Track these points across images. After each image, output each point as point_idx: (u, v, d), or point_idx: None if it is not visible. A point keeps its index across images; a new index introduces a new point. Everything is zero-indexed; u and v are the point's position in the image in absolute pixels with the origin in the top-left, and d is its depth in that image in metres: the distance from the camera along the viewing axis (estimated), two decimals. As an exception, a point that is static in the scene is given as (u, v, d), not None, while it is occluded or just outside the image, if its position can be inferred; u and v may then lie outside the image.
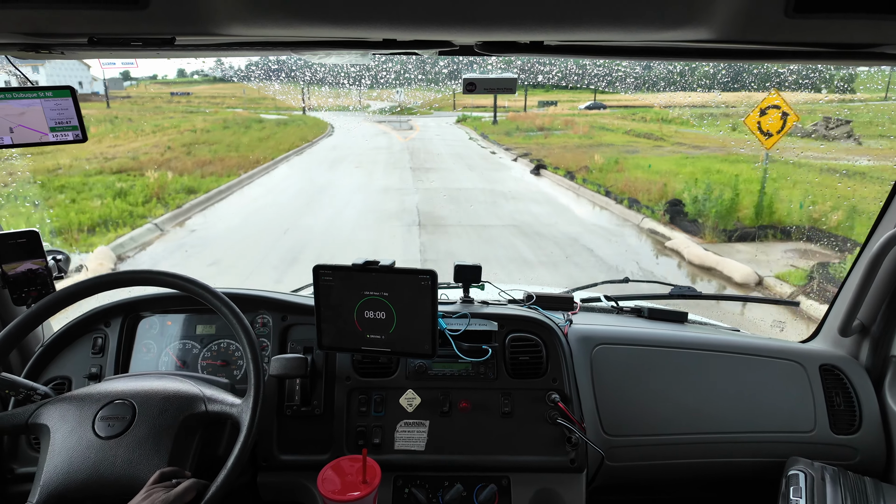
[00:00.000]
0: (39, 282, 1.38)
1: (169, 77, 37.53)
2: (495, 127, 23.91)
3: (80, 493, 1.02)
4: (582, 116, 25.07)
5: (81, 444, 1.04)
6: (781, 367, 1.55)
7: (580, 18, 0.78)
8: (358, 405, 1.39)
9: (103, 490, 1.03)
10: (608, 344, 1.51)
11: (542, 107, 31.55)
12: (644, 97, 22.87)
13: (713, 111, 18.72)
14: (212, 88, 36.66)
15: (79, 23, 0.83)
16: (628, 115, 24.36)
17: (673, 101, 19.98)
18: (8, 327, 1.14)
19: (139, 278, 1.24)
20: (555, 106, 30.93)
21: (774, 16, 0.73)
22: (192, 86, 37.32)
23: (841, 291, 1.65)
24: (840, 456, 1.48)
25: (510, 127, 23.29)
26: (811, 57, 0.99)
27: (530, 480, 1.36)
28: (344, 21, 0.79)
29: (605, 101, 29.23)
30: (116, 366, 1.43)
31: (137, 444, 1.05)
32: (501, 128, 23.38)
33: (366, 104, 28.41)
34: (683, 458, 1.47)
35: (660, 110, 22.33)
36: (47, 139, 1.20)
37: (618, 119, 23.75)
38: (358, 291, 1.26)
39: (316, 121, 25.88)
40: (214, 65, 32.31)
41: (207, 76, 38.37)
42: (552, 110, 29.42)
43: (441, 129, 24.97)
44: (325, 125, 24.33)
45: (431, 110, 33.82)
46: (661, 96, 20.75)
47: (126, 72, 26.94)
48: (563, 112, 28.37)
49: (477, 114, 29.90)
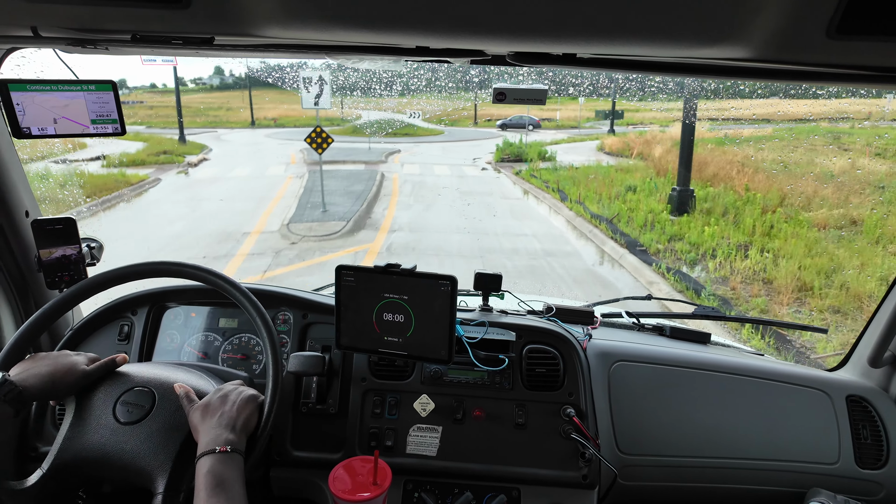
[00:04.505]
0: (73, 268, 1.43)
1: (169, 86, 36.03)
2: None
3: (87, 470, 1.04)
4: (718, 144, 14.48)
5: (99, 425, 1.07)
6: (806, 395, 1.50)
7: (615, 32, 0.77)
8: (372, 406, 1.40)
9: (109, 472, 1.05)
10: (628, 361, 1.49)
11: (601, 119, 24.37)
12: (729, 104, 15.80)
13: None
14: (186, 98, 33.88)
15: (123, 20, 0.86)
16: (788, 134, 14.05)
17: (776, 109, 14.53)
18: (41, 310, 1.18)
19: (167, 270, 1.27)
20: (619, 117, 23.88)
21: (815, 36, 0.72)
22: (185, 94, 35.39)
23: (873, 321, 1.59)
24: (864, 491, 1.43)
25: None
26: (852, 80, 0.97)
27: (541, 494, 1.34)
28: (378, 26, 0.80)
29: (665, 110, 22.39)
30: (141, 353, 1.46)
31: (149, 437, 1.07)
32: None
33: (356, 114, 22.85)
34: (699, 482, 1.43)
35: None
36: (88, 131, 1.24)
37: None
38: (378, 293, 1.27)
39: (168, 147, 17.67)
40: (213, 72, 31.97)
41: (205, 84, 37.45)
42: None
43: (452, 179, 14.43)
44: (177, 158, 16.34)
45: (443, 124, 25.06)
46: (752, 102, 15.27)
47: (122, 79, 25.63)
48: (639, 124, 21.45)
49: (511, 132, 21.96)
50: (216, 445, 0.99)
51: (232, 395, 1.11)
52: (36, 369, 1.04)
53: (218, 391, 1.12)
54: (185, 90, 35.50)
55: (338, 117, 24.48)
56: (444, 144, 21.68)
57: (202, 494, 0.94)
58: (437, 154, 19.24)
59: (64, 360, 1.08)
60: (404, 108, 19.78)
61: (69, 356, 1.10)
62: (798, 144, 13.04)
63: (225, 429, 1.03)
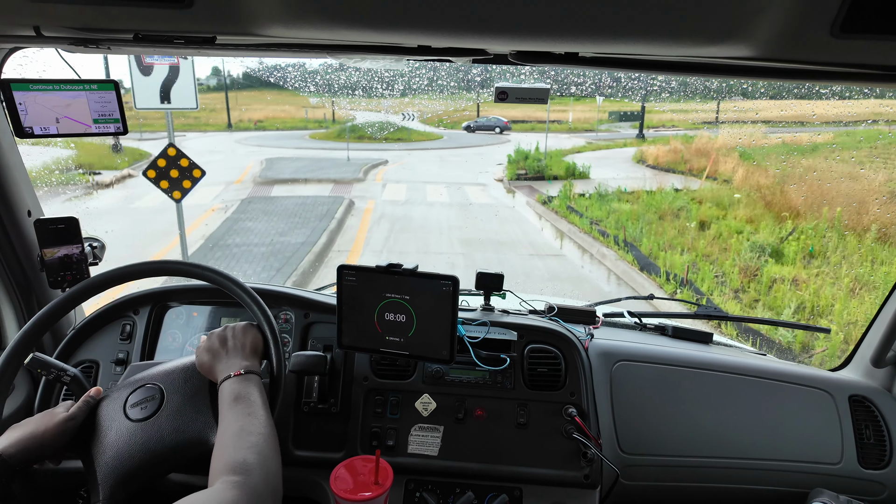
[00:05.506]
0: (75, 267, 1.43)
1: None
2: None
3: (141, 476, 1.03)
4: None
5: (122, 434, 1.06)
6: (809, 395, 1.50)
7: (618, 31, 0.77)
8: (374, 406, 1.39)
9: (161, 466, 1.05)
10: (629, 360, 1.49)
11: (617, 121, 20.30)
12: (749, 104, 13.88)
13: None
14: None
15: (126, 19, 0.86)
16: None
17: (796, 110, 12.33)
18: (43, 310, 1.19)
19: (170, 269, 1.27)
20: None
21: (819, 35, 0.71)
22: None
23: (876, 321, 1.59)
24: (867, 491, 1.43)
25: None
26: (856, 78, 0.96)
27: (542, 493, 1.34)
28: (380, 26, 0.80)
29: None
30: (143, 353, 1.47)
31: (177, 413, 1.08)
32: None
33: (350, 116, 20.09)
34: (701, 482, 1.43)
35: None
36: (90, 130, 1.24)
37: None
38: (380, 293, 1.27)
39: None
40: (210, 73, 31.36)
41: (202, 85, 36.67)
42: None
43: (451, 211, 10.34)
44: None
45: (441, 126, 21.99)
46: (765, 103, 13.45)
47: (119, 80, 26.27)
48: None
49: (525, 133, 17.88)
50: (231, 371, 1.06)
51: (229, 330, 1.18)
52: (15, 436, 1.02)
53: (212, 333, 1.17)
54: (185, 91, 35.25)
55: (327, 120, 22.45)
56: (443, 152, 18.59)
57: (224, 410, 0.99)
58: (432, 167, 15.66)
59: (42, 418, 1.06)
60: (399, 109, 16.89)
61: (45, 413, 1.08)
62: (879, 153, 9.91)
63: (236, 357, 1.11)
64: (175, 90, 5.10)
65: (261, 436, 0.95)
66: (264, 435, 0.96)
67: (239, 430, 0.95)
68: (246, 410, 0.99)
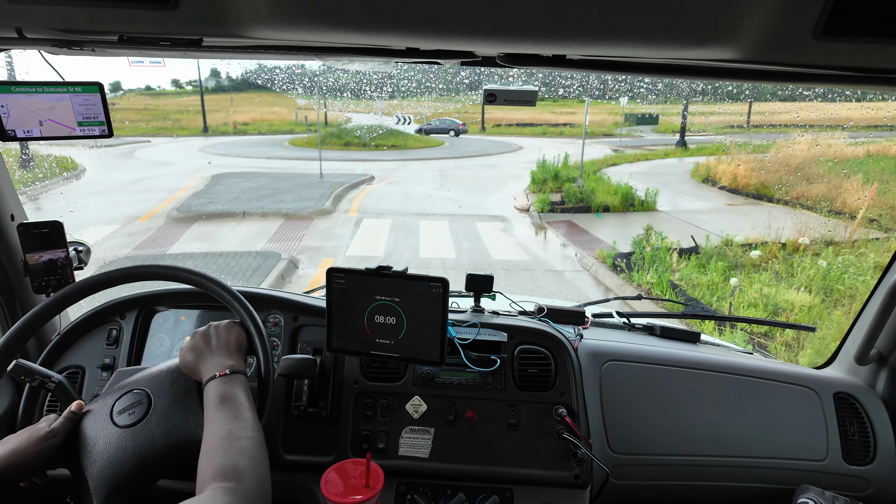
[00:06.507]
0: (60, 272, 1.41)
1: (164, 87, 34.01)
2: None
3: (134, 482, 1.01)
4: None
5: (112, 442, 1.04)
6: (795, 392, 1.52)
7: (604, 34, 0.78)
8: (364, 409, 1.39)
9: (155, 470, 1.03)
10: (618, 360, 1.50)
11: (634, 125, 17.41)
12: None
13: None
14: (177, 101, 30.57)
15: (110, 21, 0.85)
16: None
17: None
18: (27, 315, 1.17)
19: (156, 273, 1.26)
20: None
21: (802, 38, 0.72)
22: (181, 97, 32.50)
23: (859, 319, 1.61)
24: (852, 487, 1.45)
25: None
26: (839, 80, 0.98)
27: (533, 494, 1.35)
28: (368, 28, 0.80)
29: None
30: (129, 358, 1.45)
31: (166, 416, 1.06)
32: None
33: (345, 118, 18.32)
34: (690, 481, 1.44)
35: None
36: (75, 133, 1.22)
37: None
38: (369, 296, 1.27)
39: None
40: (209, 74, 30.60)
41: (197, 86, 35.69)
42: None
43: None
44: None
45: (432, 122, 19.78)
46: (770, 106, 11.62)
47: (117, 81, 23.80)
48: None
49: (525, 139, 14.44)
50: (216, 371, 1.05)
51: (212, 328, 1.16)
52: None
53: (196, 332, 1.16)
54: (181, 92, 34.48)
55: (314, 123, 19.91)
56: (444, 163, 14.97)
57: (210, 413, 0.98)
58: (431, 185, 11.83)
59: (22, 435, 1.03)
60: (393, 110, 14.91)
61: (27, 429, 1.05)
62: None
63: (220, 356, 1.09)
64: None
65: (250, 440, 0.94)
66: (253, 438, 0.95)
67: (227, 433, 0.94)
68: (233, 413, 0.98)
